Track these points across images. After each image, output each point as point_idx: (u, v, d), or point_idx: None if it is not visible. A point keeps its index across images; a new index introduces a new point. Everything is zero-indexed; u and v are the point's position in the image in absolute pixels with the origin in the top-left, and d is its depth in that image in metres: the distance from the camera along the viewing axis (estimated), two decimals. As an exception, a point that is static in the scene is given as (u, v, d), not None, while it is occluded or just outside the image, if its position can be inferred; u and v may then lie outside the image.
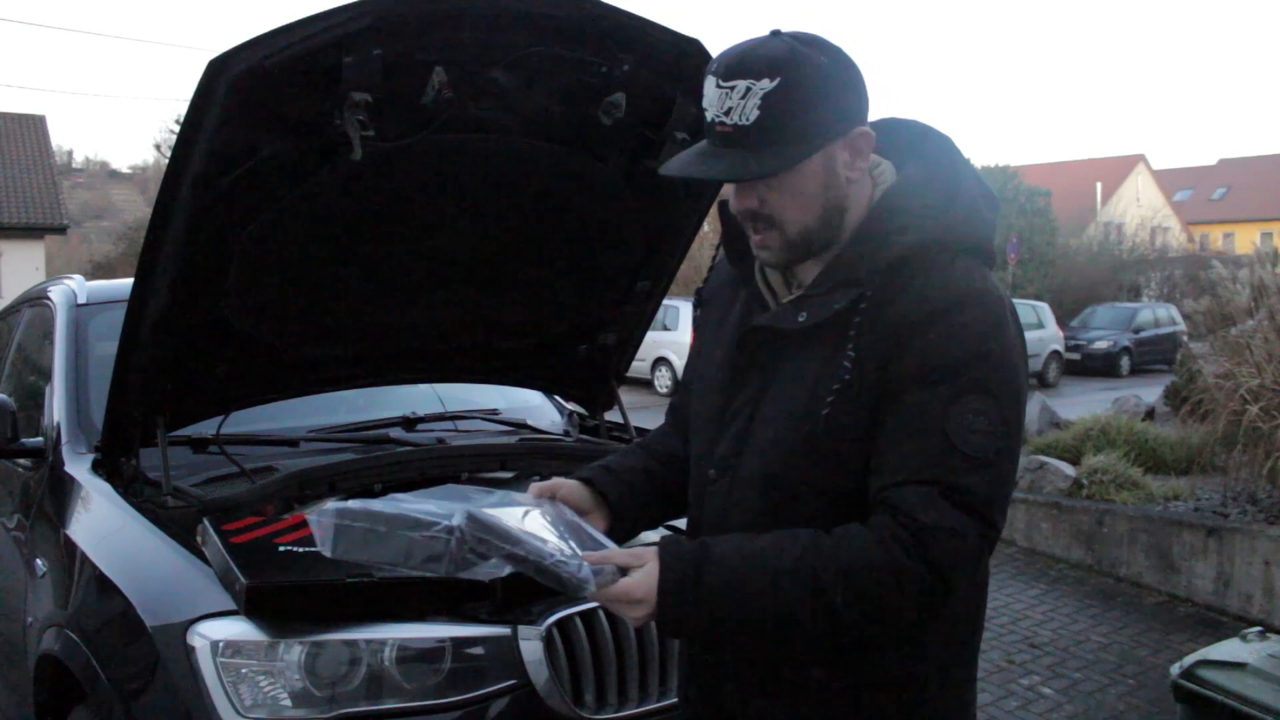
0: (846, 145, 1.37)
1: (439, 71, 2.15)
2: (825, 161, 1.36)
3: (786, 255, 1.41)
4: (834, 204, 1.39)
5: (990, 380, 1.29)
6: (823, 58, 1.33)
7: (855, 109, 1.37)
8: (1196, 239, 40.84)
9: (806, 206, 1.37)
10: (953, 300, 1.31)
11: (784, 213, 1.38)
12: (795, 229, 1.38)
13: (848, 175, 1.38)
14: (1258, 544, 5.19)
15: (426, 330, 2.93)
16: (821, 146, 1.34)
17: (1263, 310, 6.06)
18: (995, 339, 1.31)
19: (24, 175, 22.35)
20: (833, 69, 1.33)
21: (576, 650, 2.07)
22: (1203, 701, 2.74)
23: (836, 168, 1.37)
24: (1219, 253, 30.81)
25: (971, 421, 1.27)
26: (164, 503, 2.43)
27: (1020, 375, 1.34)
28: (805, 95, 1.31)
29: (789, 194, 1.36)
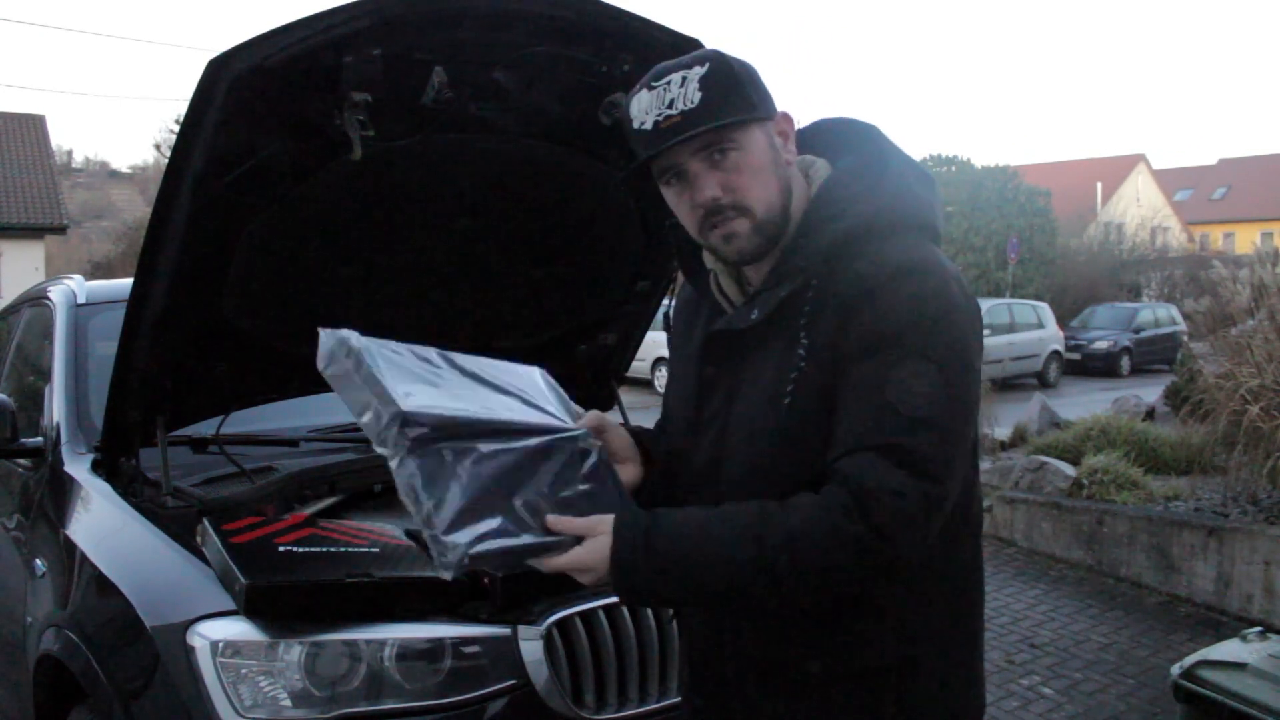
0: (777, 128, 1.44)
1: (439, 71, 2.15)
2: (767, 138, 1.42)
3: (757, 240, 1.43)
4: (783, 183, 1.44)
5: (928, 345, 1.31)
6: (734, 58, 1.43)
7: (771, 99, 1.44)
8: (1197, 239, 40.83)
9: (766, 181, 1.42)
10: (888, 274, 1.34)
11: (749, 192, 1.41)
12: (762, 207, 1.41)
13: (785, 157, 1.45)
14: (1258, 544, 5.19)
15: (426, 330, 2.92)
16: (760, 120, 1.41)
17: (1263, 310, 6.06)
18: (933, 305, 1.34)
19: (24, 175, 22.34)
20: (742, 65, 1.42)
21: (576, 650, 2.07)
22: (1203, 702, 2.74)
23: (776, 144, 1.44)
24: (1219, 253, 30.80)
25: (911, 384, 1.29)
26: (164, 503, 2.43)
27: (964, 339, 1.35)
28: (735, 76, 1.39)
29: (748, 171, 1.40)
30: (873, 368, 1.31)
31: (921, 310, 1.33)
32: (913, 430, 1.28)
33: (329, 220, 2.45)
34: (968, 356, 1.35)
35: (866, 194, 1.43)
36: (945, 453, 1.30)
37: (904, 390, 1.29)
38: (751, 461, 1.41)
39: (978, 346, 1.39)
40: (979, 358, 1.39)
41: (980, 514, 1.52)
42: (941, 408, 1.30)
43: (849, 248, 1.39)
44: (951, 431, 1.31)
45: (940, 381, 1.30)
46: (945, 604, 1.44)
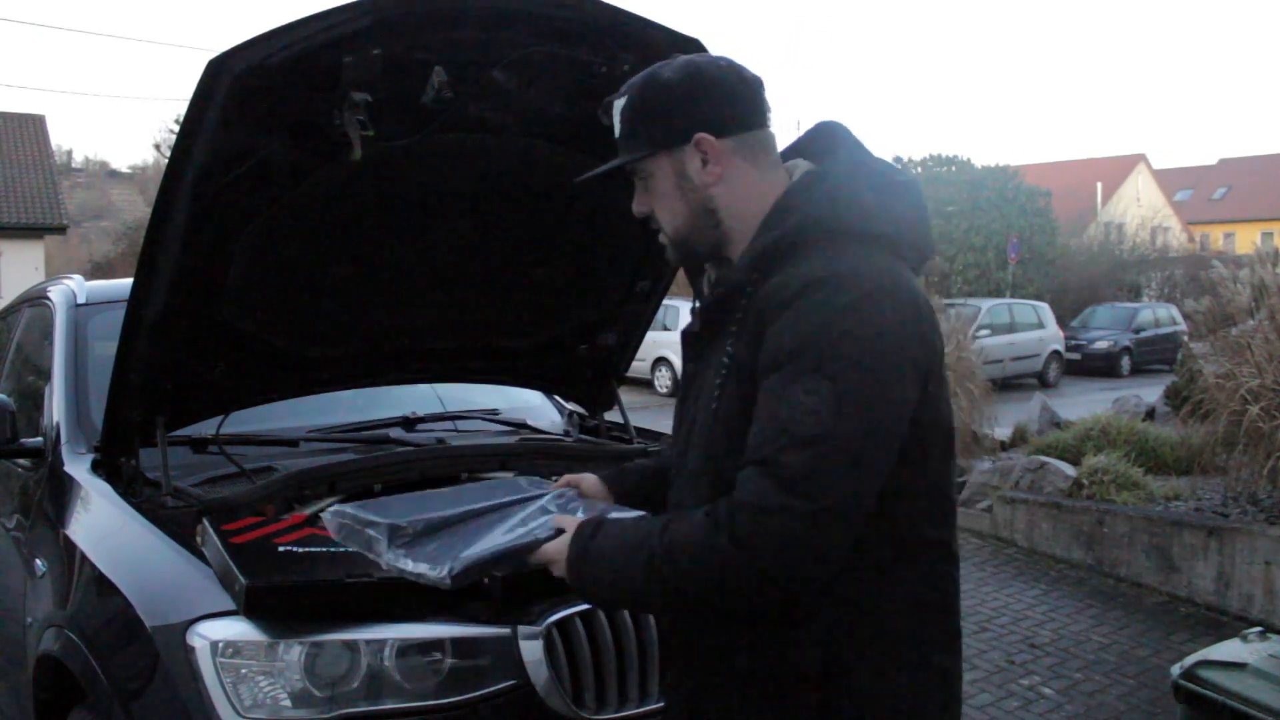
0: (695, 151, 1.49)
1: (439, 71, 2.15)
2: (675, 165, 1.51)
3: (676, 254, 1.58)
4: (698, 205, 1.51)
5: (828, 360, 1.31)
6: (670, 75, 1.50)
7: (698, 120, 1.48)
8: (1197, 239, 40.80)
9: (671, 208, 1.53)
10: (807, 283, 1.36)
11: (658, 215, 1.55)
12: (671, 228, 1.55)
13: (703, 180, 1.50)
14: (1258, 544, 5.19)
15: (426, 330, 2.93)
16: (663, 149, 1.50)
17: (1263, 310, 6.06)
18: (841, 321, 1.33)
19: (23, 175, 22.33)
20: (676, 86, 1.49)
21: (576, 650, 2.07)
22: (1203, 702, 2.74)
23: (688, 171, 1.50)
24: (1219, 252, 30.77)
25: (803, 401, 1.31)
26: (164, 503, 2.43)
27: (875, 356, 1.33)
28: (644, 108, 1.51)
29: (654, 196, 1.54)
30: (775, 381, 1.34)
31: (827, 326, 1.33)
32: (795, 448, 1.30)
33: (329, 220, 2.45)
34: (878, 374, 1.32)
35: (801, 203, 1.45)
36: (826, 469, 1.29)
37: (793, 407, 1.31)
38: (699, 459, 1.49)
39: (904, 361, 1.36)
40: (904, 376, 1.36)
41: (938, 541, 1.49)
42: (829, 426, 1.29)
43: (777, 257, 1.42)
44: (838, 450, 1.29)
45: (833, 399, 1.30)
46: (879, 628, 1.43)
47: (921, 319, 1.41)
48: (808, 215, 1.43)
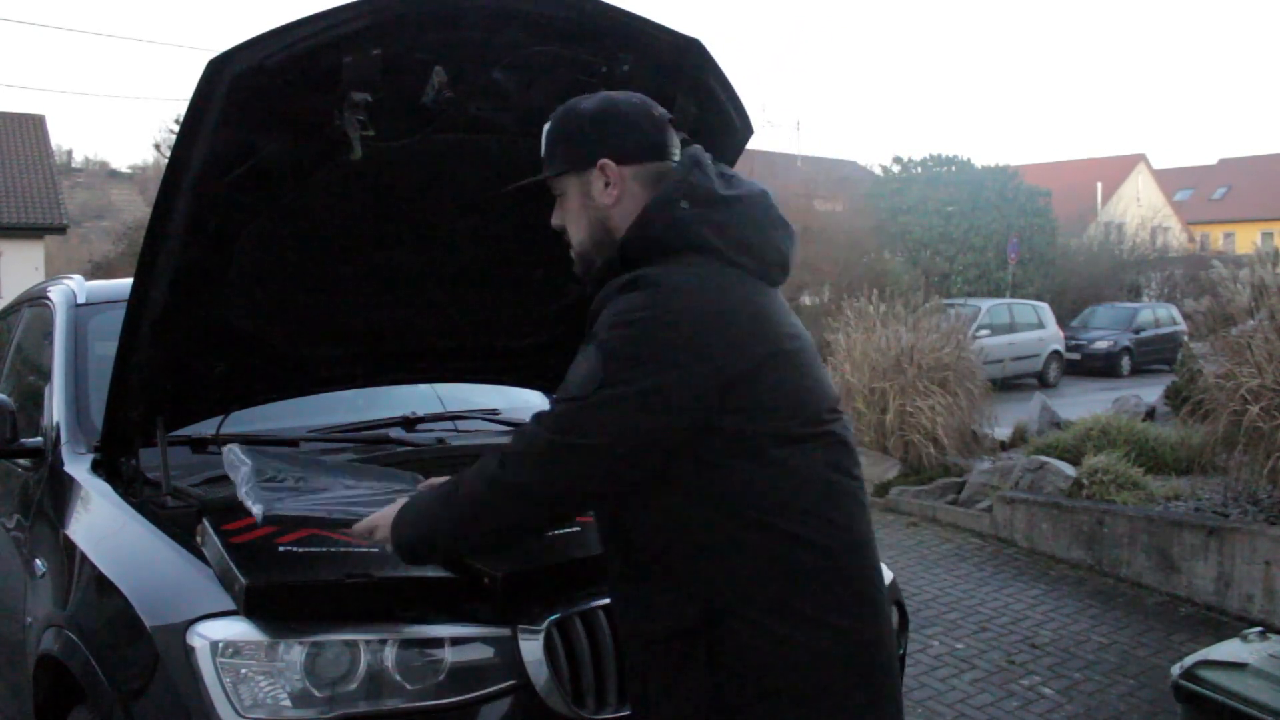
0: (599, 174, 1.73)
1: (439, 71, 2.15)
2: (581, 185, 1.75)
3: (579, 265, 1.81)
4: (598, 223, 1.75)
5: (610, 342, 1.59)
6: (587, 106, 1.77)
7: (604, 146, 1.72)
8: (1197, 239, 40.80)
9: (576, 222, 1.78)
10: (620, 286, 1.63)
11: (568, 228, 1.80)
12: (576, 241, 1.80)
13: (603, 200, 1.73)
14: (1258, 544, 5.19)
15: (426, 330, 2.93)
16: (572, 170, 1.75)
17: (1263, 310, 6.06)
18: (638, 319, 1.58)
19: (23, 175, 22.32)
20: (590, 115, 1.76)
21: (576, 650, 2.07)
22: (1204, 702, 2.74)
23: (592, 191, 1.74)
24: (1219, 252, 30.79)
25: (578, 365, 1.61)
26: (164, 503, 2.43)
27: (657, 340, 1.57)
28: (560, 133, 1.77)
29: (565, 212, 1.79)
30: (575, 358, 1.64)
31: (619, 314, 1.59)
32: (561, 400, 1.62)
33: (329, 220, 2.45)
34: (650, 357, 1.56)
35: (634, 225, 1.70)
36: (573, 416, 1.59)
37: (573, 370, 1.62)
38: None
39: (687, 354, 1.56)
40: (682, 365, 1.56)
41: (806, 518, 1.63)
42: (590, 390, 1.57)
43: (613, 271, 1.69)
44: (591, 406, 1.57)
45: (599, 369, 1.57)
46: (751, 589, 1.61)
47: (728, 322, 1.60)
48: (631, 237, 1.69)
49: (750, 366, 1.59)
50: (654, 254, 1.65)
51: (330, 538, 2.19)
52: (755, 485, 1.61)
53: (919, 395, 8.37)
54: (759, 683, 1.61)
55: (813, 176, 26.07)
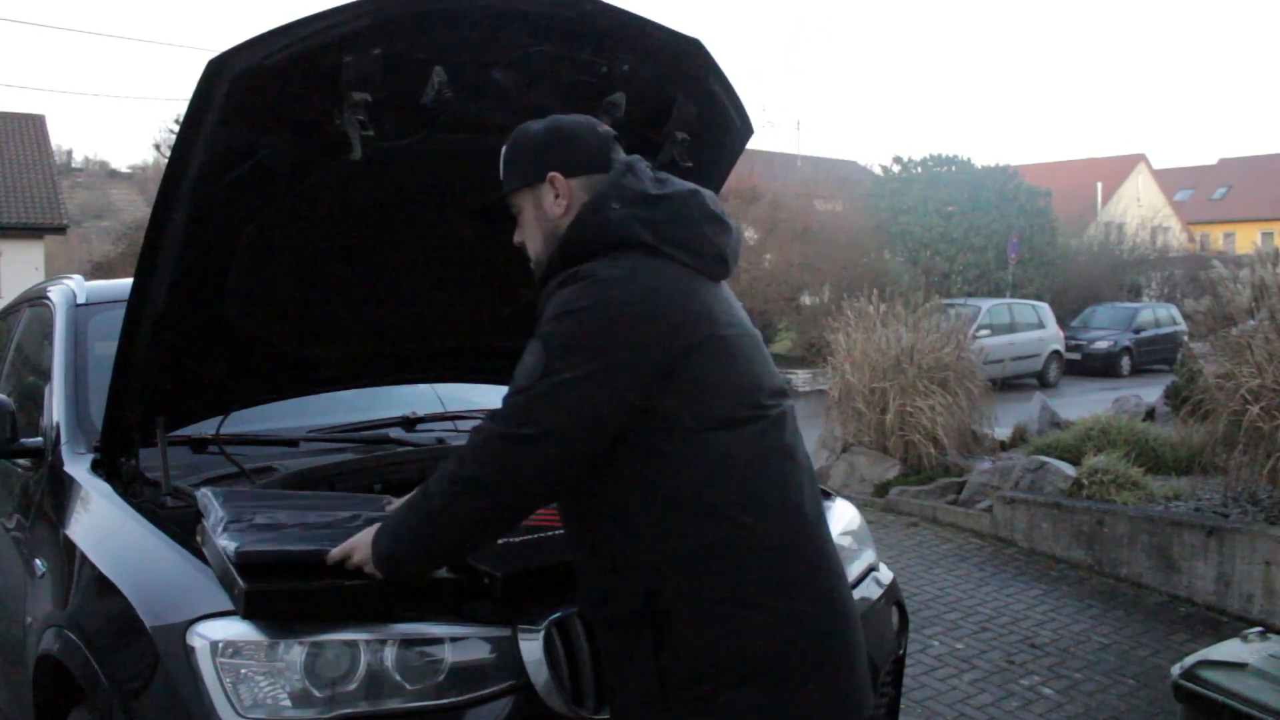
0: (549, 187, 1.86)
1: (439, 71, 2.15)
2: (534, 199, 1.88)
3: (538, 274, 1.89)
4: (550, 233, 1.86)
5: (552, 335, 1.69)
6: (536, 127, 1.90)
7: (552, 162, 1.86)
8: (1197, 239, 40.80)
9: (532, 234, 1.91)
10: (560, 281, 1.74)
11: (526, 241, 1.93)
12: (533, 252, 1.92)
13: (554, 210, 1.86)
14: (1258, 544, 5.19)
15: (426, 330, 2.92)
16: (525, 185, 1.89)
17: (1263, 310, 6.05)
18: (572, 303, 1.69)
19: (23, 175, 22.32)
20: (545, 133, 1.89)
21: (576, 650, 2.07)
22: (1203, 702, 2.74)
23: (545, 203, 1.87)
24: (1219, 252, 30.79)
25: (525, 360, 1.71)
26: (164, 503, 2.43)
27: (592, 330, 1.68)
28: (513, 152, 1.92)
29: (522, 226, 1.93)
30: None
31: (558, 308, 1.70)
32: (510, 395, 1.71)
33: (329, 220, 2.45)
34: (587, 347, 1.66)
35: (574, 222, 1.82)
36: (521, 409, 1.68)
37: (519, 366, 1.71)
38: None
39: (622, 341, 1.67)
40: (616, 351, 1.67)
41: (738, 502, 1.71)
42: (534, 379, 1.68)
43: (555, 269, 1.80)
44: (537, 397, 1.67)
45: (544, 360, 1.67)
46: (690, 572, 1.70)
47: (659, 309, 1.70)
48: (567, 239, 1.80)
49: (682, 350, 1.70)
50: (590, 251, 1.76)
51: None
52: (689, 469, 1.70)
53: (919, 395, 8.36)
54: (699, 664, 1.69)
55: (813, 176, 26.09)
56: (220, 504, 2.11)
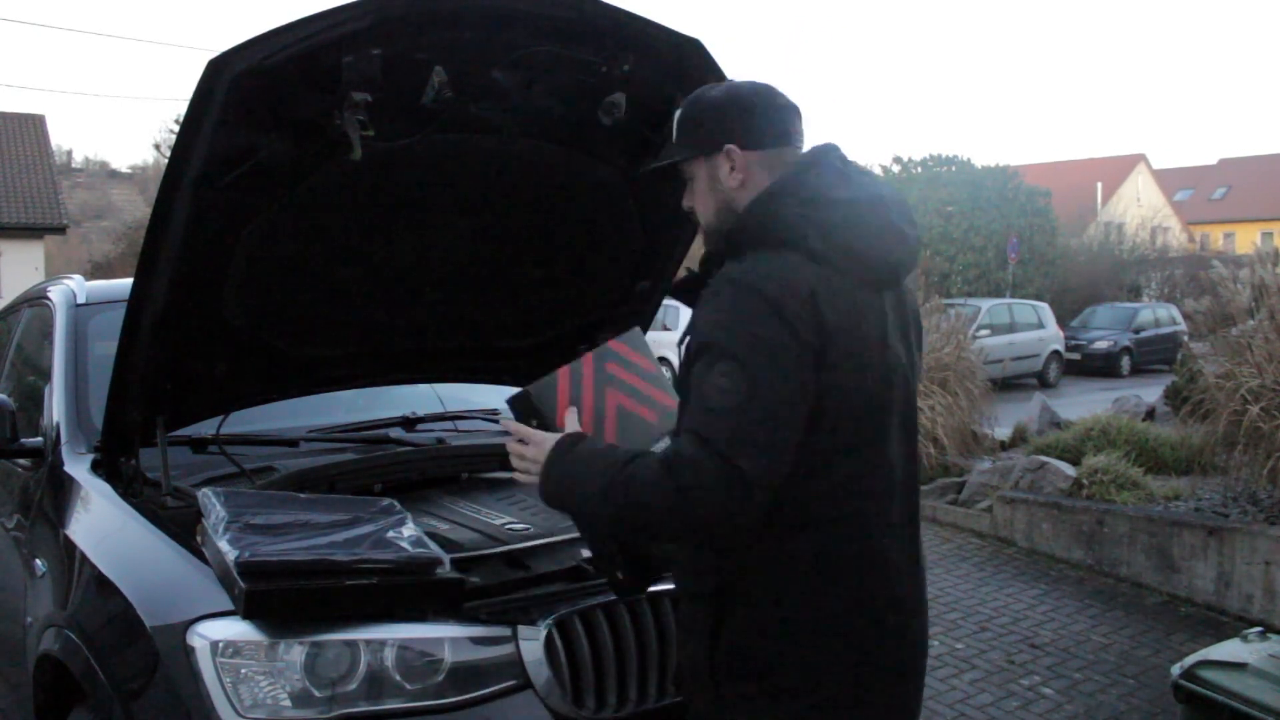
0: (725, 158, 1.78)
1: (439, 71, 2.15)
2: (709, 168, 1.80)
3: (709, 244, 1.84)
4: (723, 204, 1.80)
5: (735, 349, 1.58)
6: (717, 94, 1.82)
7: (730, 133, 1.77)
8: (1197, 239, 40.78)
9: (704, 203, 1.83)
10: (727, 279, 1.65)
11: (696, 207, 1.85)
12: (704, 220, 1.85)
13: (729, 183, 1.79)
14: (1258, 544, 5.19)
15: (426, 330, 2.93)
16: (701, 154, 1.80)
17: (1263, 310, 6.05)
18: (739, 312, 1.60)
19: (23, 175, 22.31)
20: (723, 102, 1.80)
21: (576, 650, 2.07)
22: (1204, 702, 2.74)
23: (719, 174, 1.79)
24: (1219, 253, 30.75)
25: (718, 382, 1.57)
26: (164, 503, 2.43)
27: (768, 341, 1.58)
28: (692, 118, 1.82)
29: (694, 194, 1.85)
30: (699, 368, 1.61)
31: (729, 318, 1.60)
32: (717, 419, 1.55)
33: (329, 220, 2.45)
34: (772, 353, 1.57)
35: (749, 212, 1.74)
36: (743, 436, 1.54)
37: (714, 387, 1.58)
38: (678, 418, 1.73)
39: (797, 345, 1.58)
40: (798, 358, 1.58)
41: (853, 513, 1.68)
42: (743, 400, 1.55)
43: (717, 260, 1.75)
44: (753, 422, 1.55)
45: (743, 379, 1.56)
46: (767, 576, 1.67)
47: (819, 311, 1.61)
48: (739, 225, 1.74)
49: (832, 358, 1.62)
50: (752, 244, 1.69)
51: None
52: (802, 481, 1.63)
53: (919, 395, 8.36)
54: (747, 664, 1.68)
55: (813, 176, 25.95)
56: (221, 504, 2.10)
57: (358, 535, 2.06)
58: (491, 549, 2.38)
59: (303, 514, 2.15)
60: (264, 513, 2.12)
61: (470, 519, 2.61)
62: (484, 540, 2.46)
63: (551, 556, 2.36)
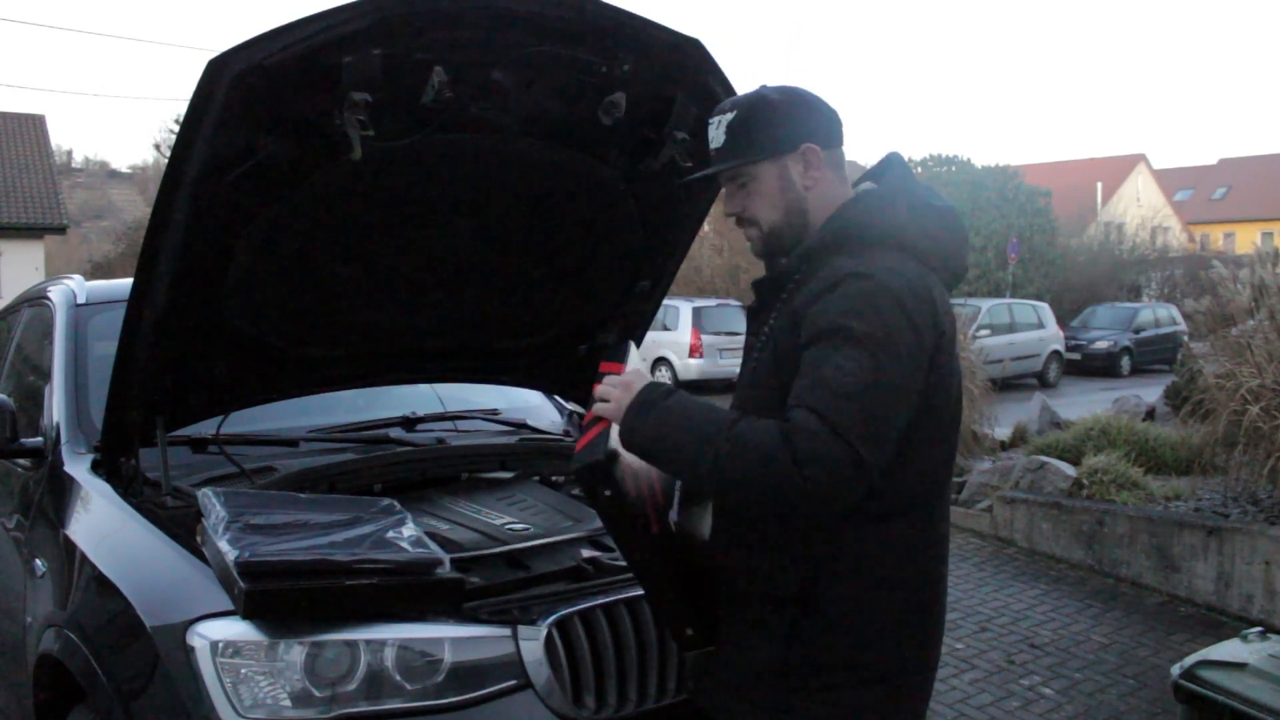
0: (799, 158, 1.78)
1: (439, 71, 2.15)
2: (779, 170, 1.79)
3: (763, 246, 1.84)
4: (795, 205, 1.79)
5: (866, 336, 1.58)
6: (776, 96, 1.80)
7: (805, 132, 1.78)
8: (1197, 239, 40.79)
9: (772, 205, 1.80)
10: (846, 274, 1.64)
11: (757, 211, 1.82)
12: (767, 224, 1.82)
13: (804, 183, 1.79)
14: (1258, 544, 5.19)
15: (426, 330, 2.93)
16: (770, 156, 1.78)
17: (1263, 310, 6.05)
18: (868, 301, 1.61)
19: (23, 175, 22.31)
20: (782, 104, 1.79)
21: (576, 650, 2.07)
22: (1203, 702, 2.74)
23: (791, 176, 1.79)
24: (1219, 252, 30.76)
25: (842, 365, 1.57)
26: (164, 503, 2.43)
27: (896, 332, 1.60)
28: (754, 121, 1.78)
29: (756, 196, 1.81)
30: (817, 351, 1.60)
31: (858, 306, 1.60)
32: (839, 401, 1.54)
33: (329, 220, 2.45)
34: (900, 348, 1.60)
35: (847, 213, 1.77)
36: (866, 421, 1.54)
37: (837, 370, 1.56)
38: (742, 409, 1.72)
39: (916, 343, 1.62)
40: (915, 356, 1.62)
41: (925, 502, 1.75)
42: (865, 384, 1.55)
43: (821, 254, 1.73)
44: (874, 405, 1.56)
45: (870, 364, 1.56)
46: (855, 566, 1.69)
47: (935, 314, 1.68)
48: (851, 223, 1.74)
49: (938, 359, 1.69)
50: (863, 243, 1.71)
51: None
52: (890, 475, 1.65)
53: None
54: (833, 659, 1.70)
55: (813, 176, 25.96)
56: (221, 504, 2.10)
57: (358, 535, 2.06)
58: (491, 549, 2.38)
59: (303, 514, 2.15)
60: (264, 513, 2.12)
61: (470, 519, 2.61)
62: (484, 540, 2.46)
63: (551, 556, 2.36)
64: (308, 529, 2.07)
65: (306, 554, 1.96)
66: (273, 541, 1.98)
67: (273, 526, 2.06)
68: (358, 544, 2.02)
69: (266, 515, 2.11)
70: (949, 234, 1.81)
